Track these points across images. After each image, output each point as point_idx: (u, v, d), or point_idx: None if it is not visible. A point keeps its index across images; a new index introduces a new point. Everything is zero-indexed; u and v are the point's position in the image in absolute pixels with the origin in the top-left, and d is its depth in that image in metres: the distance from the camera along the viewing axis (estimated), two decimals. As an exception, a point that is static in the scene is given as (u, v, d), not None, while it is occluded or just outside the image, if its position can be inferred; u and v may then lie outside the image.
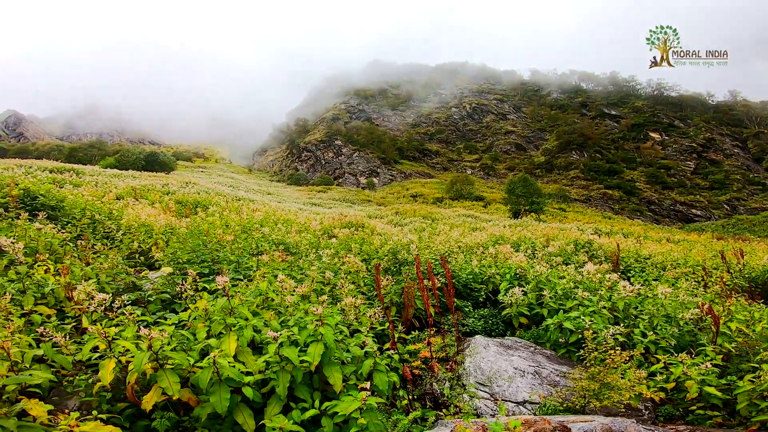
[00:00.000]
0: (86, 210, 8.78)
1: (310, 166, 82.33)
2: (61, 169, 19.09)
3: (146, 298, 4.73)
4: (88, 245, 6.52)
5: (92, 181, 16.59)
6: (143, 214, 10.45)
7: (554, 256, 7.61)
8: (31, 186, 7.89)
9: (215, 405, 2.65)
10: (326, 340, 2.93)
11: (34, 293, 4.24)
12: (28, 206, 7.92)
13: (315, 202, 40.96)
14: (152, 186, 19.59)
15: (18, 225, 6.02)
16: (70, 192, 9.75)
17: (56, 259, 5.58)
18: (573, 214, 46.06)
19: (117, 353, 3.01)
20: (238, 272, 6.28)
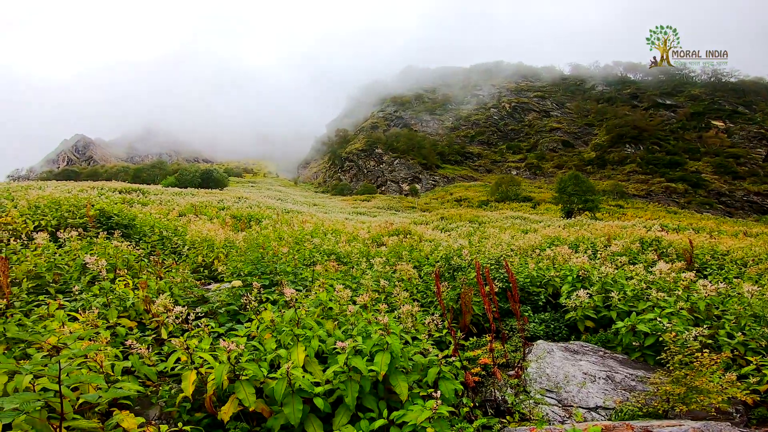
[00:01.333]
0: (155, 227, 9.42)
1: (352, 176, 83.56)
2: (129, 190, 20.72)
3: (216, 310, 4.97)
4: (159, 260, 6.99)
5: (157, 200, 17.83)
6: (204, 229, 11.06)
7: (618, 256, 7.19)
8: (105, 206, 8.60)
9: (289, 416, 2.72)
10: (393, 349, 2.94)
11: (117, 307, 4.58)
12: (104, 225, 8.62)
13: (360, 211, 41.49)
14: (209, 202, 20.74)
15: (97, 243, 6.57)
16: (140, 211, 10.53)
17: (133, 274, 6.03)
18: (632, 211, 43.37)
19: (197, 364, 3.16)
20: (296, 283, 6.46)
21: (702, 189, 61.15)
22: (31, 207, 7.41)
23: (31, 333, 3.67)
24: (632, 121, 79.56)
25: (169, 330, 4.57)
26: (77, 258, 5.65)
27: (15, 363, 3.07)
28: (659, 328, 4.13)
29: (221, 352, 3.31)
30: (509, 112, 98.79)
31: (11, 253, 5.60)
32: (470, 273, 6.16)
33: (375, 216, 36.07)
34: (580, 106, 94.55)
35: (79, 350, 3.12)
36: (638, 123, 78.92)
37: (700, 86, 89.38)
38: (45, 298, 4.37)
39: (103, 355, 3.15)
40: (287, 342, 3.28)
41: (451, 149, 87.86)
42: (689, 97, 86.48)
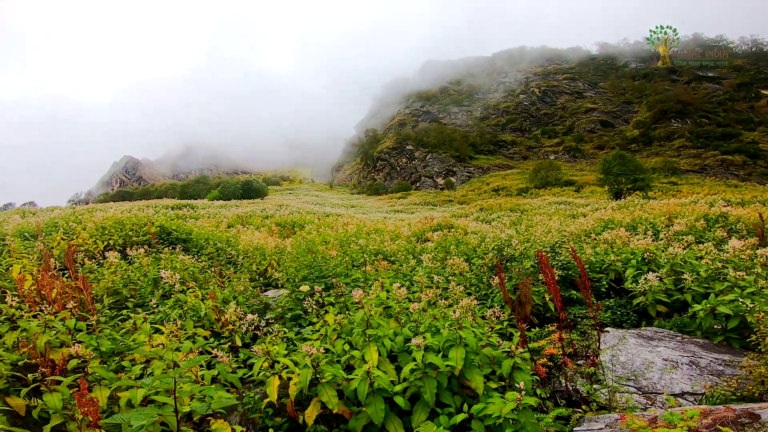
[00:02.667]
0: (209, 240, 9.87)
1: (386, 175, 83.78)
2: (179, 206, 21.82)
3: (283, 316, 5.14)
4: (218, 271, 7.32)
5: (206, 213, 18.68)
6: (254, 238, 11.48)
7: (683, 236, 6.81)
8: (164, 223, 9.11)
9: (372, 416, 2.77)
10: (468, 342, 2.94)
11: (192, 317, 4.85)
12: (164, 241, 9.13)
13: (397, 209, 41.56)
14: (253, 212, 21.47)
15: (164, 258, 6.97)
16: (194, 225, 11.06)
17: (199, 285, 6.35)
18: (688, 187, 40.80)
19: (276, 370, 3.29)
20: (349, 285, 6.58)
21: (762, 160, 56.70)
22: (98, 228, 7.97)
23: (120, 345, 3.97)
24: (674, 96, 75.54)
25: (241, 336, 4.80)
26: (148, 273, 6.01)
27: (115, 375, 3.34)
28: (742, 309, 3.89)
29: (298, 356, 3.44)
30: (539, 97, 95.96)
31: (88, 272, 6.06)
32: (525, 262, 6.03)
33: (413, 213, 36.00)
34: (615, 85, 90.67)
35: (170, 361, 3.36)
36: (681, 97, 74.91)
37: (741, 56, 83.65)
38: (127, 313, 4.68)
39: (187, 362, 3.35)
40: (359, 343, 3.35)
41: (482, 139, 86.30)
42: (732, 68, 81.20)
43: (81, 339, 3.64)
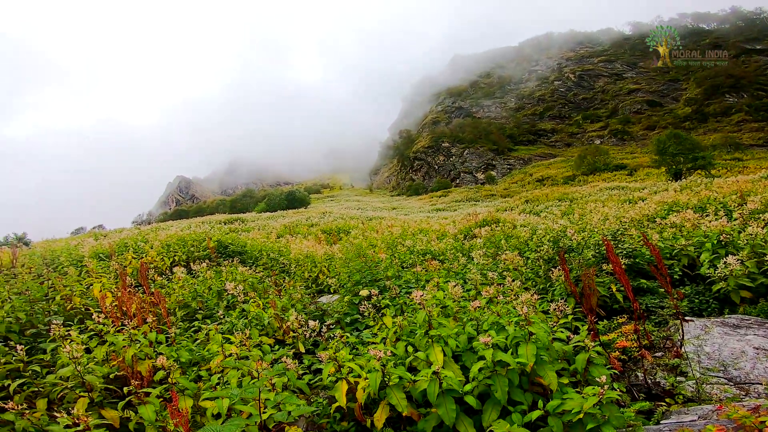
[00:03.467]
0: (262, 251, 10.25)
1: (424, 174, 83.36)
2: (230, 220, 22.86)
3: (342, 320, 5.22)
4: (273, 281, 7.57)
5: (255, 226, 19.42)
6: (303, 246, 11.78)
7: (760, 214, 6.25)
8: (221, 237, 9.56)
9: (443, 416, 2.75)
10: (539, 338, 2.85)
11: (256, 326, 5.04)
12: (222, 254, 9.58)
13: (438, 208, 41.20)
14: (299, 221, 22.07)
15: (225, 271, 7.32)
16: (247, 237, 11.53)
17: (258, 295, 6.60)
18: (754, 162, 37.46)
19: (344, 374, 3.34)
20: (401, 286, 6.58)
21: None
22: (163, 246, 8.48)
23: (196, 355, 4.19)
24: (724, 71, 69.79)
25: (302, 342, 4.93)
26: (212, 286, 6.33)
27: (194, 385, 3.53)
28: None
29: (362, 360, 3.47)
30: (575, 82, 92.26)
31: (160, 288, 6.46)
32: (585, 252, 5.77)
33: (455, 210, 35.54)
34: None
35: (245, 370, 3.51)
36: (732, 71, 69.49)
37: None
38: (198, 324, 4.94)
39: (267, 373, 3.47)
40: (422, 344, 3.33)
41: (520, 130, 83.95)
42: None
43: (161, 351, 3.87)
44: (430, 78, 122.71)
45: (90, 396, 3.13)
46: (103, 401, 3.33)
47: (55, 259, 6.62)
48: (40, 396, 3.16)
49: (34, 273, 5.36)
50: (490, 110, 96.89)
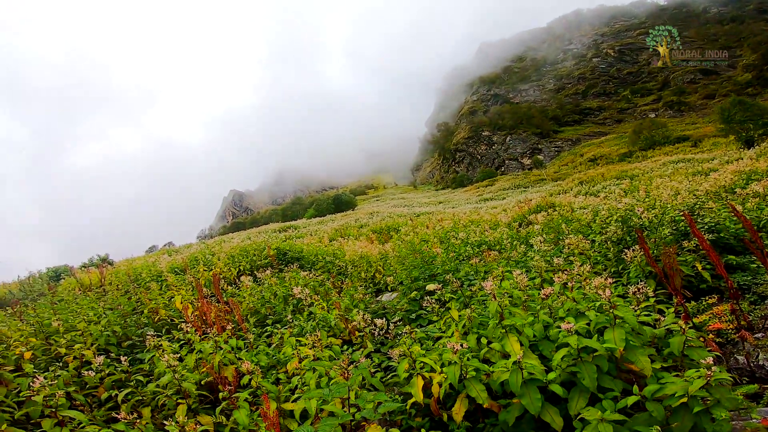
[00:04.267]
0: (318, 255, 10.54)
1: (467, 165, 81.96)
2: (284, 228, 23.72)
3: (404, 317, 5.24)
4: (331, 282, 7.75)
5: (307, 231, 20.00)
6: (356, 248, 11.97)
7: None
8: (279, 245, 9.94)
9: (528, 406, 2.68)
10: (627, 321, 2.70)
11: (324, 328, 5.18)
12: (282, 260, 9.96)
13: (486, 198, 40.27)
14: (348, 224, 22.46)
15: (286, 277, 7.60)
16: (302, 243, 11.90)
17: (321, 297, 6.79)
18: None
19: (418, 370, 3.34)
20: (461, 279, 6.49)
21: None
22: (229, 257, 8.96)
23: (273, 359, 4.38)
24: None
25: (370, 341, 5.00)
26: (278, 292, 6.60)
27: (275, 388, 3.68)
28: None
29: (433, 355, 3.46)
30: (616, 57, 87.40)
31: (231, 296, 6.83)
32: (661, 230, 5.38)
33: (504, 198, 34.60)
34: (702, 33, 79.95)
35: (321, 371, 3.62)
36: None
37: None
38: (271, 329, 5.16)
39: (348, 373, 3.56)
40: (495, 335, 3.26)
41: (564, 110, 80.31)
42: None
43: (242, 356, 4.07)
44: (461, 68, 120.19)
45: (187, 402, 3.36)
46: (198, 407, 3.56)
47: (137, 276, 7.22)
48: (143, 405, 3.43)
49: (122, 289, 5.85)
50: (528, 94, 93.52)
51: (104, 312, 4.65)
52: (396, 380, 3.80)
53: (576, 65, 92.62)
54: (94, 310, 4.62)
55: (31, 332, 4.02)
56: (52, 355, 3.88)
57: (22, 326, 4.09)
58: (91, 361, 3.61)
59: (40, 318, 4.36)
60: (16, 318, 4.52)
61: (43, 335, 4.06)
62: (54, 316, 4.29)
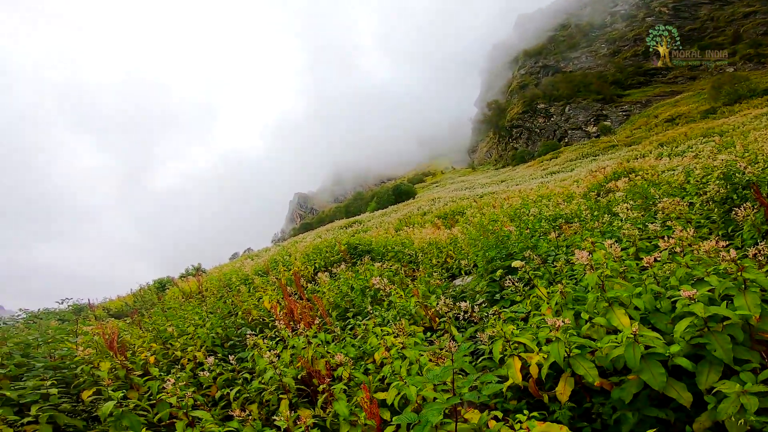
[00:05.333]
0: (387, 245, 10.63)
1: (525, 140, 78.50)
2: (349, 223, 24.30)
3: (491, 299, 5.11)
4: (403, 271, 7.76)
5: (372, 224, 20.28)
6: (423, 235, 11.90)
7: None
8: (349, 240, 10.16)
9: (650, 382, 2.46)
10: (761, 284, 2.37)
11: (404, 316, 5.20)
12: (353, 254, 10.18)
13: (551, 171, 38.10)
14: (411, 213, 22.43)
15: (360, 270, 7.75)
16: (370, 236, 12.08)
17: (397, 286, 6.83)
18: None
19: (511, 351, 3.22)
20: (540, 256, 6.18)
21: None
22: (304, 256, 9.33)
23: (359, 350, 4.46)
24: None
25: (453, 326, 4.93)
26: (354, 285, 6.74)
27: (367, 378, 3.75)
28: None
29: (528, 335, 3.31)
30: (672, 14, 78.65)
31: (311, 293, 7.10)
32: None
33: (572, 170, 32.50)
34: None
35: (413, 357, 3.63)
36: None
37: None
38: (352, 321, 5.28)
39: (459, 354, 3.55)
40: (599, 308, 3.03)
41: (625, 74, 73.92)
42: None
43: (330, 350, 4.20)
44: (501, 45, 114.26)
45: (288, 397, 3.53)
46: (297, 401, 3.72)
47: (228, 281, 7.77)
48: (249, 402, 3.65)
49: (217, 295, 6.32)
50: (581, 61, 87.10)
51: (207, 315, 5.03)
52: (485, 364, 3.70)
53: (628, 27, 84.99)
54: (198, 314, 5.03)
55: (151, 338, 4.47)
56: (171, 359, 4.27)
57: (142, 333, 4.57)
58: (202, 362, 3.91)
59: (156, 325, 4.83)
60: (136, 326, 5.05)
61: (161, 340, 4.50)
62: (167, 323, 4.74)
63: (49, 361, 3.69)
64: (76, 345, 3.82)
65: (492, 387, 2.21)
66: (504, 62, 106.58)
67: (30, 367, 3.67)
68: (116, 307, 9.52)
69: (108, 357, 3.61)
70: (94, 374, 3.44)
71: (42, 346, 4.06)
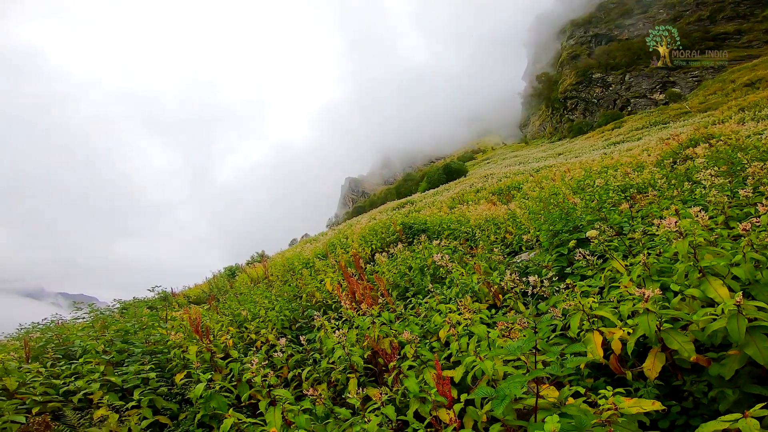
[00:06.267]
0: (442, 224, 10.48)
1: (582, 111, 74.01)
2: (401, 204, 24.31)
3: (563, 273, 4.89)
4: (461, 248, 7.59)
5: (424, 204, 20.12)
6: (479, 212, 11.60)
7: None
8: (404, 220, 10.13)
9: (756, 356, 2.21)
10: None
11: (467, 293, 5.08)
12: (408, 234, 10.15)
13: (615, 141, 35.48)
14: (463, 190, 21.94)
15: (416, 249, 7.69)
16: (424, 215, 11.98)
17: (457, 263, 6.70)
18: None
19: (588, 326, 3.02)
20: (612, 228, 5.78)
21: None
22: (360, 238, 9.43)
23: (423, 329, 4.43)
24: None
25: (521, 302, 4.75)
26: (412, 264, 6.71)
27: (432, 355, 3.71)
28: None
29: (608, 308, 3.09)
30: None
31: (370, 274, 7.17)
32: None
33: (639, 139, 30.08)
34: None
35: (482, 333, 3.54)
36: None
37: None
38: (413, 300, 5.25)
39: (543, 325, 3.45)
40: (692, 279, 2.75)
41: (691, 39, 66.53)
42: None
43: (395, 328, 4.21)
44: (545, 16, 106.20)
45: (356, 376, 3.58)
46: (365, 380, 3.78)
47: (290, 265, 8.07)
48: (317, 382, 3.75)
49: (281, 279, 6.57)
50: (637, 28, 79.26)
51: (275, 299, 5.23)
52: (557, 341, 3.52)
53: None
54: (267, 298, 5.25)
55: (228, 322, 4.74)
56: (246, 341, 4.51)
57: (220, 318, 4.86)
58: (273, 343, 4.07)
59: (232, 309, 5.12)
60: (214, 311, 5.38)
61: (236, 324, 4.75)
62: (240, 307, 4.99)
63: (146, 347, 4.01)
64: (166, 330, 4.11)
65: (576, 360, 2.07)
66: (550, 34, 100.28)
67: (130, 352, 4.02)
68: (194, 295, 10.27)
69: (195, 341, 3.85)
70: (185, 358, 3.69)
71: (138, 332, 4.43)
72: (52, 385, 3.58)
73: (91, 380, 3.54)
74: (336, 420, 2.92)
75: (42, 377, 3.64)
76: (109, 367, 3.74)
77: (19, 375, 3.58)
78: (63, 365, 3.92)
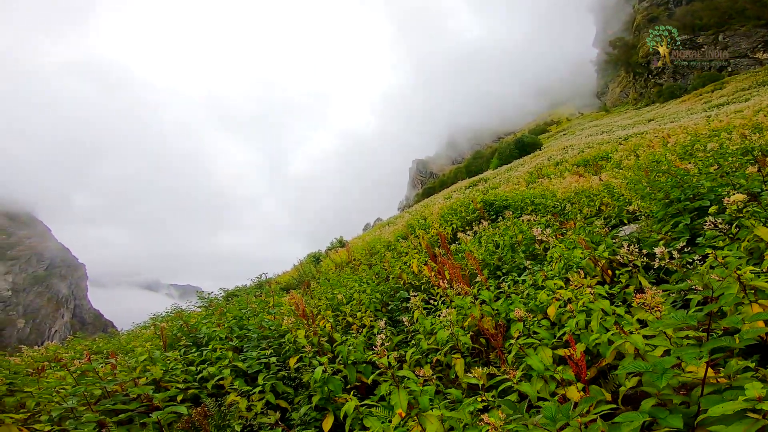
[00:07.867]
0: (524, 199, 9.88)
1: (672, 74, 66.16)
2: (474, 182, 23.54)
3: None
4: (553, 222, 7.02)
5: (499, 181, 19.24)
6: (566, 184, 10.76)
7: None
8: (485, 197, 9.68)
9: None
10: None
11: (570, 268, 4.64)
12: (490, 211, 9.70)
13: (718, 104, 31.13)
14: (541, 164, 20.59)
15: (502, 226, 7.27)
16: (503, 192, 11.39)
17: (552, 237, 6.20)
18: None
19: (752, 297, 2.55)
20: (742, 193, 4.94)
21: None
22: (440, 218, 9.18)
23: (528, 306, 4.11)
24: None
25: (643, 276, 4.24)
26: (500, 242, 6.35)
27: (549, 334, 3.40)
28: None
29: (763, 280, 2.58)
30: None
31: (455, 253, 6.91)
32: None
33: (747, 100, 26.07)
34: None
35: (608, 308, 3.19)
36: None
37: None
38: (510, 277, 4.92)
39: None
40: None
41: None
42: None
43: (496, 307, 3.96)
44: None
45: (461, 356, 3.40)
46: (470, 360, 3.59)
47: (372, 249, 8.09)
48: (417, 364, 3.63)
49: (366, 262, 6.56)
50: None
51: (366, 282, 5.21)
52: (699, 317, 3.05)
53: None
54: (357, 281, 5.24)
55: (325, 306, 4.81)
56: (342, 324, 4.54)
57: (317, 303, 4.95)
58: (370, 325, 4.01)
59: (326, 293, 5.20)
60: (308, 296, 5.51)
61: (332, 307, 4.80)
62: (335, 291, 5.05)
63: (260, 332, 4.17)
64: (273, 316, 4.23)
65: (753, 331, 1.69)
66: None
67: (249, 338, 4.22)
68: (285, 281, 10.79)
69: (302, 325, 3.93)
70: (296, 341, 3.77)
71: (251, 318, 4.64)
72: (188, 371, 3.85)
73: (221, 366, 3.76)
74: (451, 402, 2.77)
75: (181, 365, 3.91)
76: (234, 353, 3.95)
77: (163, 363, 3.87)
78: (195, 352, 4.21)
